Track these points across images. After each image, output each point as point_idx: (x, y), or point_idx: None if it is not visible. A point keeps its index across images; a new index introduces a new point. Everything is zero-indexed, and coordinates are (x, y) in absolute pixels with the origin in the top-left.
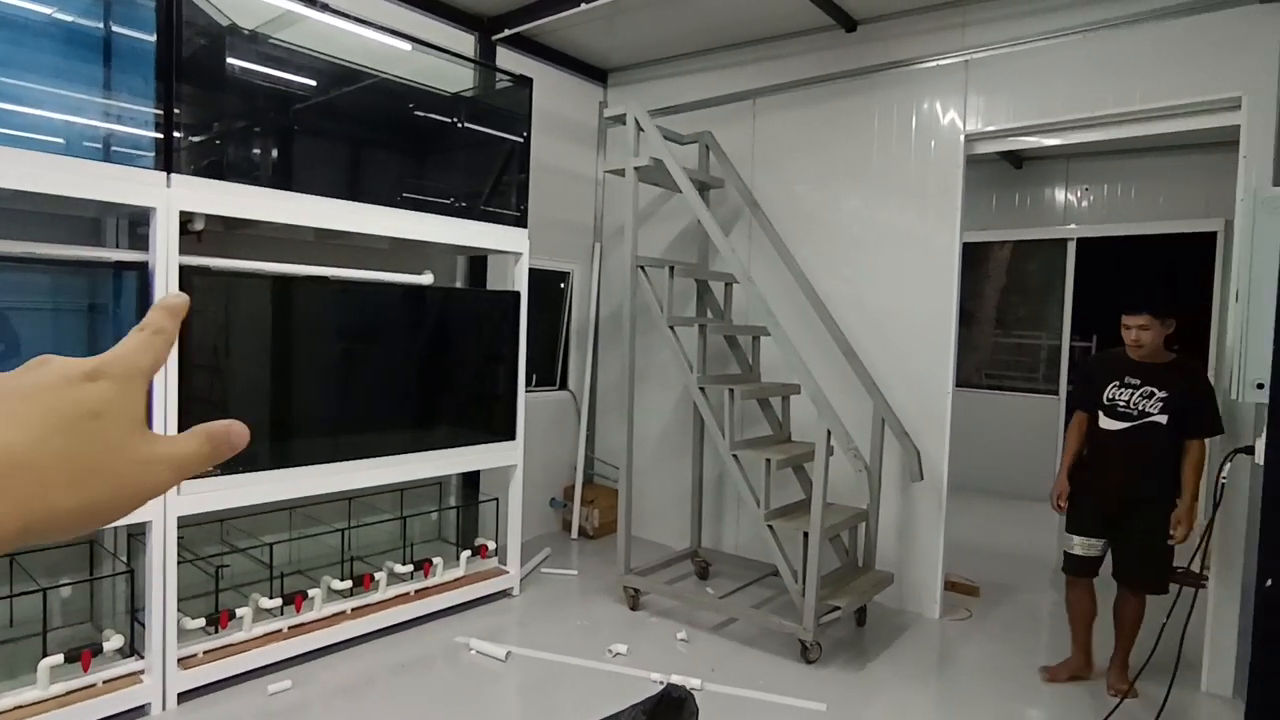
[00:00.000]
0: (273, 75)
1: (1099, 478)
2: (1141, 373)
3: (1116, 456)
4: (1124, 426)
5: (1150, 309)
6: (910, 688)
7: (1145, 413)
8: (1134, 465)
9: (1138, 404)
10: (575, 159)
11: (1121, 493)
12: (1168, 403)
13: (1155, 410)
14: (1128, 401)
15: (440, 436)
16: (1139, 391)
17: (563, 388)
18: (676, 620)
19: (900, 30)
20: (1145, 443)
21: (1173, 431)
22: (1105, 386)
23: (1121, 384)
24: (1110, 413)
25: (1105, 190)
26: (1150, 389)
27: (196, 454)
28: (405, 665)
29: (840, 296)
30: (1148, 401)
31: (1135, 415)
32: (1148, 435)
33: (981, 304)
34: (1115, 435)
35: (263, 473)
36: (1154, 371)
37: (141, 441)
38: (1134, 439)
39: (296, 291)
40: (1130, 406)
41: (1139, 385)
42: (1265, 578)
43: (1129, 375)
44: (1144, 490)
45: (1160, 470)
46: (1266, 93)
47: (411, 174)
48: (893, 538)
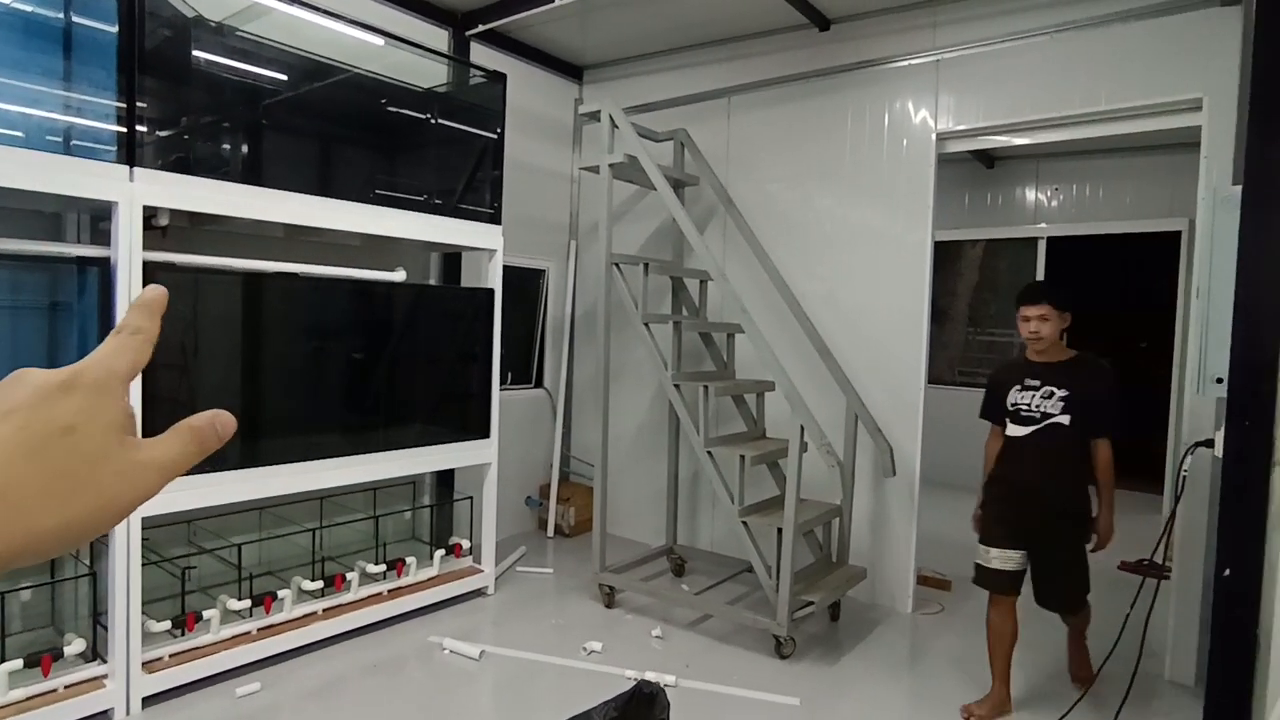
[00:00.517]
0: (241, 69)
1: (1009, 486)
2: (1041, 373)
3: (1024, 462)
4: (1029, 431)
5: (1049, 299)
6: (883, 682)
7: (1047, 414)
8: (1042, 470)
9: (1039, 406)
10: (550, 156)
11: (1033, 500)
12: (1069, 401)
13: (1057, 410)
14: (1029, 404)
15: (413, 435)
16: (1039, 393)
17: (538, 386)
18: (652, 617)
19: (873, 30)
20: (1051, 446)
21: (1078, 431)
22: (1008, 393)
23: (1022, 387)
24: (1015, 418)
25: (1074, 190)
26: (1050, 388)
27: (183, 454)
28: (377, 666)
29: (814, 294)
30: (1048, 402)
31: (1038, 418)
32: (1053, 437)
33: (954, 302)
34: (1021, 441)
35: (231, 472)
36: (1053, 370)
37: (121, 450)
38: (1039, 443)
39: (266, 288)
40: (1033, 409)
41: (1039, 386)
42: (1223, 568)
43: (1029, 377)
44: (1055, 496)
45: (1069, 473)
46: (1226, 94)
47: (384, 170)
48: (866, 533)
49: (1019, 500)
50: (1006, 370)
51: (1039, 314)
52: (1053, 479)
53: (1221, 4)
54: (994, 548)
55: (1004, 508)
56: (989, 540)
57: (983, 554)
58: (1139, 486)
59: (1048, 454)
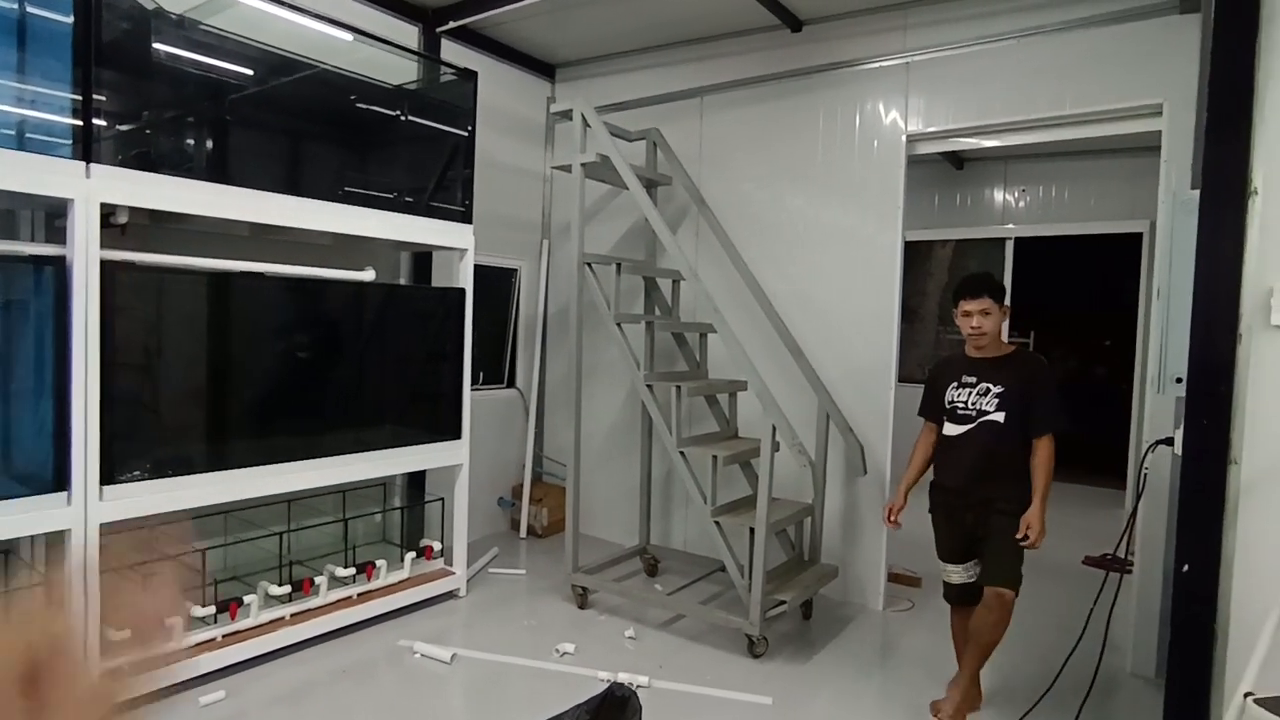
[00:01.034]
0: (204, 63)
1: (949, 493)
2: (978, 369)
3: (960, 463)
4: (964, 430)
5: (991, 292)
6: (855, 679)
7: (983, 411)
8: (979, 471)
9: (975, 403)
10: (522, 155)
11: (972, 504)
12: (1004, 398)
13: (992, 408)
14: (966, 402)
15: (384, 436)
16: (975, 389)
17: (510, 386)
18: (625, 618)
19: (844, 31)
20: (986, 445)
21: (1014, 429)
22: (945, 390)
23: (959, 384)
24: (951, 416)
25: (1041, 191)
26: (986, 385)
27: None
28: (347, 671)
29: (786, 294)
30: (984, 399)
31: (974, 416)
32: (988, 436)
33: (924, 301)
34: (957, 440)
35: (195, 476)
36: (990, 366)
37: None
38: (975, 442)
39: (232, 288)
40: (969, 407)
41: (975, 383)
42: (1183, 563)
43: (965, 374)
44: (994, 497)
45: (1008, 473)
46: (1185, 99)
47: (353, 168)
48: (837, 531)
49: (961, 507)
50: (944, 367)
51: (980, 308)
52: (991, 479)
53: (1181, 12)
54: (951, 564)
55: (949, 521)
56: (946, 557)
57: (944, 571)
58: (1103, 483)
59: (983, 453)
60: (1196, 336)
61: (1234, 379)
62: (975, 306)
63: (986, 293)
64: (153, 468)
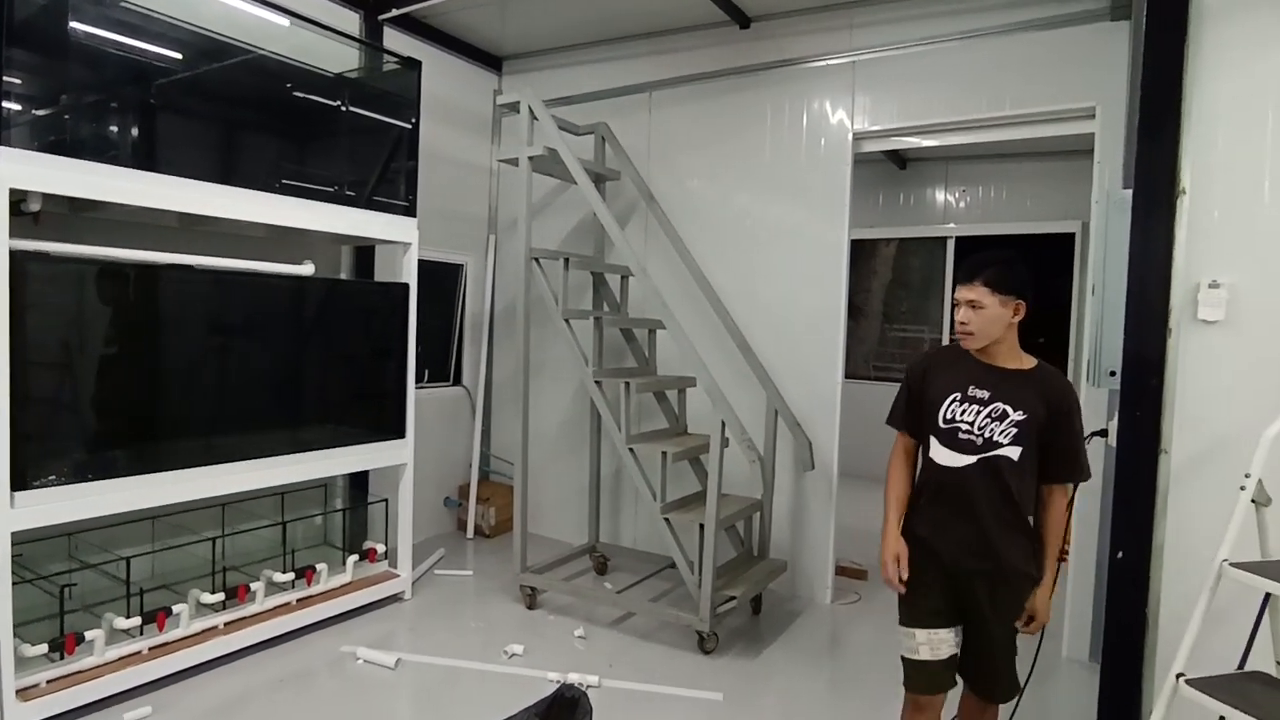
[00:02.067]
0: (129, 44)
1: (931, 552)
2: (993, 381)
3: (955, 515)
4: (965, 463)
5: (986, 279)
6: (804, 672)
7: (993, 442)
8: (981, 529)
9: (985, 428)
10: (468, 148)
11: (973, 562)
12: (1024, 428)
13: (1007, 439)
14: (972, 424)
15: (324, 436)
16: (987, 409)
17: (456, 383)
18: (574, 617)
19: (792, 29)
20: (993, 492)
21: (1028, 473)
22: (943, 398)
23: (965, 396)
24: (949, 440)
25: (980, 192)
26: (1003, 406)
27: None
28: (285, 680)
29: (734, 290)
30: (998, 425)
31: (979, 444)
32: (997, 478)
33: (869, 299)
34: (953, 477)
35: (118, 480)
36: (1009, 381)
37: None
38: (978, 485)
39: (157, 281)
40: (974, 431)
41: (988, 399)
42: (1117, 550)
43: (975, 384)
44: (1002, 558)
45: (1015, 532)
46: (1117, 103)
47: (291, 158)
48: (786, 526)
49: (953, 560)
50: (940, 364)
51: (969, 298)
52: (998, 543)
53: (1112, 19)
54: (920, 629)
55: (931, 572)
56: (913, 620)
57: (907, 642)
58: None
59: (990, 504)
60: (1130, 331)
61: (1164, 372)
62: (963, 295)
63: (980, 279)
64: (71, 472)
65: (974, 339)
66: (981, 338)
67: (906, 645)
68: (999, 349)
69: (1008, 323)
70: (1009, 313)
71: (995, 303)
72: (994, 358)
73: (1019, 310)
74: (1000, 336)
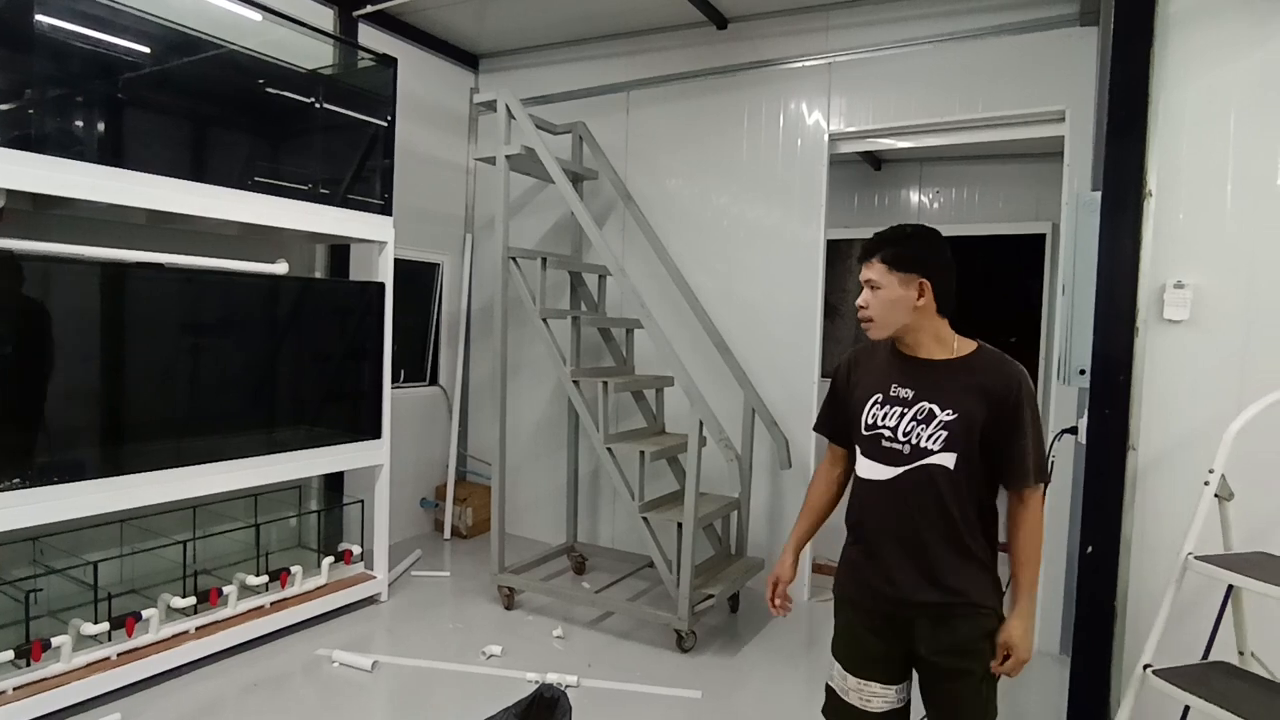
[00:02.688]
0: (97, 39)
1: (868, 588)
2: (914, 376)
3: (891, 528)
4: (892, 474)
5: (884, 255)
6: (781, 669)
7: (921, 449)
8: (915, 554)
9: (910, 432)
10: (445, 146)
11: (905, 609)
12: (955, 429)
13: (936, 444)
14: (895, 429)
15: (299, 437)
16: (911, 411)
17: (433, 383)
18: (553, 617)
19: (769, 30)
20: (932, 503)
21: (969, 480)
22: (865, 400)
23: (886, 396)
24: (872, 449)
25: (953, 193)
26: (929, 405)
27: None
28: (258, 684)
29: (711, 290)
30: (924, 429)
31: (908, 453)
32: (930, 491)
33: (845, 299)
34: (882, 491)
35: (86, 483)
36: (933, 374)
37: None
38: (907, 499)
39: (125, 280)
40: (899, 437)
41: (910, 399)
42: (1086, 545)
43: (898, 382)
44: (941, 602)
45: (957, 555)
46: (1085, 107)
47: (264, 155)
48: (763, 524)
49: (890, 595)
50: (862, 361)
51: (865, 278)
52: (943, 559)
53: (1081, 24)
54: (850, 673)
55: (863, 609)
56: (844, 661)
57: (834, 673)
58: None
59: (928, 516)
60: (1099, 330)
61: (1132, 370)
62: (862, 275)
63: (878, 255)
64: (36, 474)
65: (874, 326)
66: (882, 325)
67: (834, 676)
68: (920, 338)
69: (912, 306)
70: (912, 294)
71: (894, 282)
72: (917, 349)
73: (924, 290)
74: (911, 323)
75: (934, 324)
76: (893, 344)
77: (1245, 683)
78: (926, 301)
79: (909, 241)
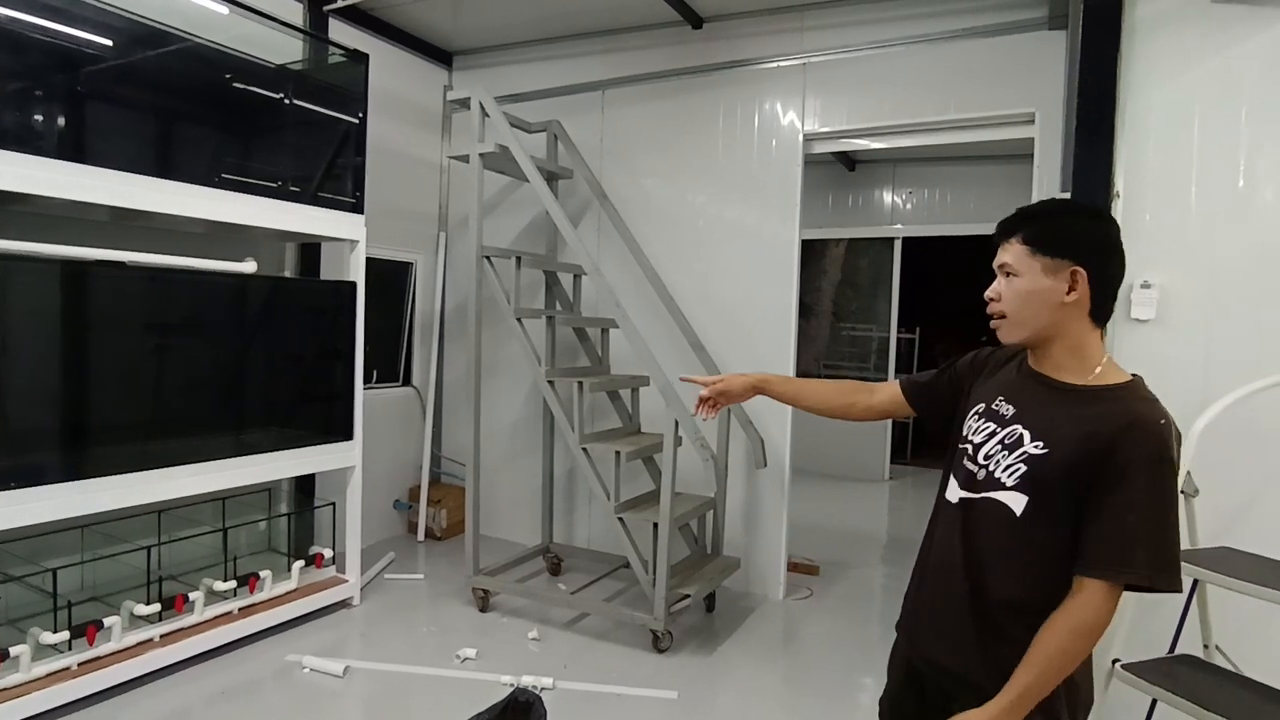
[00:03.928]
0: (54, 29)
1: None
2: (1029, 395)
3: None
4: (958, 497)
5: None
6: (758, 668)
7: (995, 479)
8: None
9: (993, 457)
10: (418, 144)
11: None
12: (1037, 468)
13: (1010, 478)
14: (979, 446)
15: (268, 439)
16: (1003, 432)
17: (406, 384)
18: (528, 619)
19: (744, 30)
20: (978, 544)
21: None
22: (971, 408)
23: (989, 408)
24: (954, 462)
25: (926, 194)
26: (1021, 430)
27: None
28: (226, 692)
29: (687, 289)
30: (1005, 457)
31: (981, 479)
32: (984, 529)
33: (819, 298)
34: (943, 512)
35: (45, 487)
36: (1050, 397)
37: None
38: (964, 527)
39: (86, 278)
40: (980, 458)
41: (1008, 419)
42: None
43: (1005, 396)
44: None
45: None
46: (1054, 110)
47: (232, 152)
48: (739, 523)
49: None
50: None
51: (1000, 262)
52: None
53: (1050, 28)
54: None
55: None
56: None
57: None
58: None
59: (979, 565)
60: None
61: None
62: (996, 260)
63: (1019, 234)
64: None
65: (1006, 324)
66: (1017, 324)
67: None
68: (1054, 349)
69: (1059, 302)
70: (1061, 286)
71: (1037, 269)
72: (1044, 362)
73: (1076, 282)
74: (1052, 327)
75: (1080, 331)
76: (1024, 353)
77: (1210, 675)
78: (1078, 298)
79: (1061, 218)
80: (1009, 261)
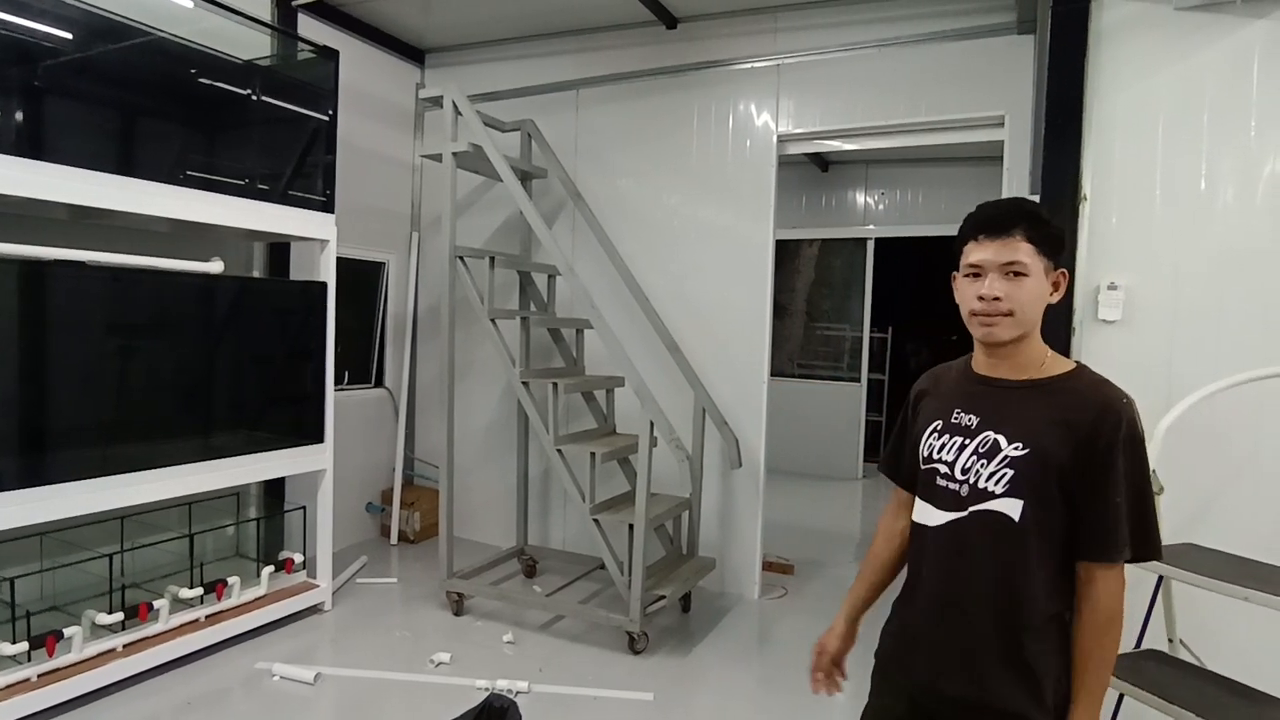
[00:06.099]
0: (9, 20)
1: (904, 643)
2: (988, 399)
3: (934, 592)
4: (943, 520)
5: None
6: (734, 668)
7: (980, 490)
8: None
9: (971, 470)
10: (390, 142)
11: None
12: (1024, 470)
13: (999, 486)
14: (953, 464)
15: (237, 442)
16: (974, 443)
17: (379, 385)
18: (503, 622)
19: (718, 31)
20: (980, 562)
21: (1035, 538)
22: (926, 428)
23: (948, 424)
24: (926, 487)
25: (898, 195)
26: (994, 435)
27: None
28: (193, 702)
29: (662, 290)
30: (985, 464)
31: (965, 495)
32: (985, 545)
33: (793, 298)
34: (927, 539)
35: (1, 494)
36: (1009, 398)
37: None
38: (959, 549)
39: (42, 278)
40: (957, 474)
41: (975, 427)
42: None
43: (963, 406)
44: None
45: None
46: (1023, 112)
47: (197, 149)
48: (714, 524)
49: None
50: (935, 381)
51: (1005, 260)
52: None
53: (1019, 32)
54: None
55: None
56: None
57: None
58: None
59: (982, 580)
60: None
61: None
62: (994, 255)
63: (1021, 230)
64: None
65: (1009, 323)
66: (1020, 322)
67: None
68: (1024, 347)
69: (1046, 303)
70: (1049, 288)
71: (1040, 270)
72: (1004, 363)
73: (1060, 285)
74: (1035, 325)
75: (1037, 331)
76: (968, 359)
77: (1175, 670)
78: (1057, 299)
79: (1051, 221)
80: (1022, 260)
